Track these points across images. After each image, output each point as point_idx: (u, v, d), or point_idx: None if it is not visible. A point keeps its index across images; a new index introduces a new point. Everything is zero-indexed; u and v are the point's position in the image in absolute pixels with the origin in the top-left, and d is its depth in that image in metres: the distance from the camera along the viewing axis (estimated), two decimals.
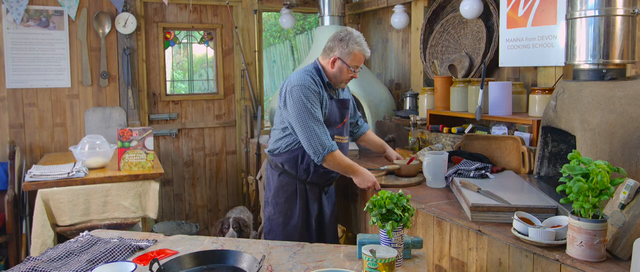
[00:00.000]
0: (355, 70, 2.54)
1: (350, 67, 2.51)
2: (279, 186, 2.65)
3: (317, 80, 2.53)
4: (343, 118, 2.65)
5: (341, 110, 2.64)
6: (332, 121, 2.59)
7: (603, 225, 1.57)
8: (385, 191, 1.68)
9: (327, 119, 2.55)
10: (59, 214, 3.04)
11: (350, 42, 2.48)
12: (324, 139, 2.45)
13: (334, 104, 2.59)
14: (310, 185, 2.65)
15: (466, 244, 2.07)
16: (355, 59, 2.51)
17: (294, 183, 2.64)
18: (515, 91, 3.02)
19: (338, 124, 2.63)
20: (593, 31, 2.12)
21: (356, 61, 2.52)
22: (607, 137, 1.93)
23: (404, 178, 2.69)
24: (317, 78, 2.54)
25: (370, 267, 1.51)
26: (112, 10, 4.21)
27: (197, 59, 5.11)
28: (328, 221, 2.74)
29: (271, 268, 1.67)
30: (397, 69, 4.46)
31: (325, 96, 2.55)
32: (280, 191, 2.65)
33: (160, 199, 3.64)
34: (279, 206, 2.66)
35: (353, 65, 2.51)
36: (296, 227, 2.62)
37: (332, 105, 2.58)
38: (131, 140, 3.26)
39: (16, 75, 4.01)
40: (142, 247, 1.86)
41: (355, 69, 2.53)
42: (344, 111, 2.65)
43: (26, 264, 1.68)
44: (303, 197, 2.64)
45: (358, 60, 2.52)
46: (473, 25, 3.51)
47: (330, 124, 2.58)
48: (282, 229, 2.63)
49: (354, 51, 2.49)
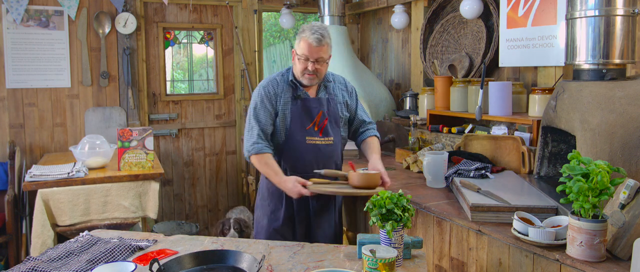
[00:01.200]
0: (306, 60, 2.37)
1: (299, 56, 2.39)
2: (266, 188, 2.57)
3: (282, 79, 2.48)
4: (313, 118, 2.46)
5: (310, 110, 2.46)
6: (298, 122, 2.45)
7: (603, 225, 1.56)
8: (385, 191, 1.68)
9: (290, 120, 2.44)
10: (59, 214, 3.04)
11: (300, 32, 2.40)
12: (252, 140, 2.41)
13: (298, 104, 2.45)
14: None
15: (466, 244, 2.07)
16: (301, 47, 2.37)
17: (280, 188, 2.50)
18: (515, 91, 3.02)
19: (308, 125, 2.46)
20: (593, 31, 2.12)
21: (303, 49, 2.36)
22: (607, 137, 1.93)
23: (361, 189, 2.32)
24: (285, 77, 2.48)
25: (370, 267, 1.51)
26: (112, 10, 4.21)
27: (197, 59, 5.11)
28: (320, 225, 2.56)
29: (271, 268, 1.67)
30: (397, 69, 4.46)
31: (285, 97, 2.45)
32: (267, 193, 2.56)
33: (160, 199, 3.64)
34: (264, 209, 2.58)
35: (300, 54, 2.37)
36: (278, 230, 2.52)
37: (294, 106, 2.45)
38: (131, 140, 3.26)
39: (16, 75, 4.01)
40: (142, 247, 1.86)
41: (303, 58, 2.37)
42: (314, 110, 2.47)
43: (26, 264, 1.68)
44: (289, 200, 2.50)
45: (304, 48, 2.35)
46: (473, 25, 3.51)
47: (296, 125, 2.45)
48: (265, 232, 2.55)
49: (301, 39, 2.37)
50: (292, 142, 2.46)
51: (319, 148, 2.48)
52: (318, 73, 2.41)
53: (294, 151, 2.47)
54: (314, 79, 2.43)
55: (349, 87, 2.66)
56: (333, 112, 2.52)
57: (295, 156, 2.47)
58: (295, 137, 2.45)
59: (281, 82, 2.48)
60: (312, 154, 2.48)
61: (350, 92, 2.65)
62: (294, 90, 2.47)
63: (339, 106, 2.55)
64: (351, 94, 2.64)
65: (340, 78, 2.66)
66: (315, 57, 2.36)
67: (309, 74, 2.39)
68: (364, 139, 2.66)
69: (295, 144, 2.46)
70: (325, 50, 2.38)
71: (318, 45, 2.34)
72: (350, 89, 2.65)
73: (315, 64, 2.37)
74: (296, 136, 2.45)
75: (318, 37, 2.34)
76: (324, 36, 2.36)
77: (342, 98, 2.59)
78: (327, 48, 2.39)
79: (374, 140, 2.66)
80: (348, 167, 2.50)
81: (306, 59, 2.37)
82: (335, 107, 2.54)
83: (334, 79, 2.61)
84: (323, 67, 2.42)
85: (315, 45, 2.34)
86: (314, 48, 2.34)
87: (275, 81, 2.48)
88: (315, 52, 2.35)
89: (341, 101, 2.57)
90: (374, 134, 2.68)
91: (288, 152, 2.48)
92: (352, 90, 2.67)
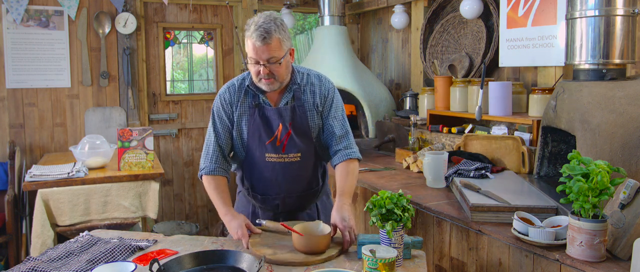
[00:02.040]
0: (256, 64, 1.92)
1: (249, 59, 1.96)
2: (236, 205, 2.27)
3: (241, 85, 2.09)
4: (273, 132, 2.04)
5: (269, 122, 2.04)
6: (256, 136, 2.05)
7: (603, 225, 1.57)
8: (385, 191, 1.68)
9: (247, 134, 2.06)
10: (59, 214, 3.04)
11: (245, 29, 1.95)
12: (203, 159, 2.09)
13: (256, 115, 2.04)
14: (263, 209, 2.18)
15: (466, 244, 2.07)
16: (248, 47, 1.93)
17: (249, 205, 2.23)
18: (515, 91, 3.02)
19: (267, 139, 2.04)
20: (593, 31, 2.12)
21: (249, 52, 1.92)
22: (607, 137, 1.93)
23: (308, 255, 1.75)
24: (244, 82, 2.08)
25: (370, 267, 1.51)
26: (112, 10, 4.21)
27: (197, 59, 5.11)
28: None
29: (271, 268, 1.67)
30: (397, 69, 4.46)
31: (242, 107, 2.07)
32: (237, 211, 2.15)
33: (160, 199, 3.64)
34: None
35: (249, 57, 1.94)
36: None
37: (251, 118, 2.05)
38: (131, 140, 3.26)
39: (16, 75, 4.01)
40: (142, 247, 1.86)
41: (252, 61, 1.93)
42: (273, 123, 2.04)
43: (26, 264, 1.68)
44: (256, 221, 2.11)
45: (250, 49, 1.91)
46: (473, 25, 3.51)
47: (253, 140, 2.06)
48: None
49: (247, 39, 1.93)
50: (250, 159, 2.09)
51: (281, 166, 2.06)
52: (276, 75, 1.94)
53: (253, 170, 2.09)
54: (273, 83, 1.96)
55: (323, 88, 2.11)
56: (300, 123, 2.05)
57: (256, 176, 2.11)
58: (253, 154, 2.07)
59: (239, 88, 2.07)
60: (273, 173, 2.07)
61: (325, 94, 2.11)
62: (252, 98, 2.06)
63: (309, 114, 2.07)
64: (325, 98, 2.11)
65: (315, 77, 2.13)
66: (265, 58, 1.89)
67: (265, 79, 1.94)
68: (337, 163, 2.09)
69: (254, 162, 2.08)
70: (275, 47, 1.89)
71: (263, 44, 1.86)
72: (324, 91, 2.11)
73: (267, 67, 1.91)
74: (254, 153, 2.06)
75: (261, 33, 1.85)
76: (270, 31, 1.86)
77: (313, 104, 2.08)
78: (277, 44, 1.89)
79: (352, 166, 2.07)
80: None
81: (255, 61, 1.92)
82: (304, 116, 2.05)
83: (306, 80, 2.10)
84: (280, 68, 1.94)
85: (260, 44, 1.87)
86: (260, 48, 1.87)
87: (234, 87, 2.08)
88: (263, 52, 1.88)
89: (312, 107, 2.08)
90: (351, 157, 2.08)
91: (248, 171, 2.14)
92: (328, 92, 2.12)
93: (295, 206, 2.17)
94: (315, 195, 2.21)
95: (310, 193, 2.17)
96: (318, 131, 2.12)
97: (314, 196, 2.20)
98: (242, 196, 2.27)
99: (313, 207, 2.23)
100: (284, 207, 2.15)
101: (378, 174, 2.94)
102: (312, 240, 1.74)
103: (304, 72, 2.13)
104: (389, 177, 2.87)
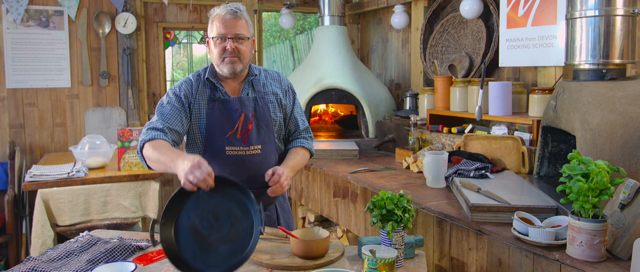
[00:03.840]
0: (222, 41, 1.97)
1: (213, 39, 1.99)
2: None
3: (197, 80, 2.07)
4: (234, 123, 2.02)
5: (229, 113, 2.02)
6: (216, 129, 2.02)
7: (603, 225, 1.57)
8: (385, 192, 1.68)
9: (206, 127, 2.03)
10: (59, 214, 3.04)
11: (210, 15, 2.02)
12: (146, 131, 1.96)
13: (216, 107, 2.02)
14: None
15: (466, 244, 2.07)
16: (214, 27, 1.98)
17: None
18: (515, 91, 3.02)
19: (228, 131, 2.01)
20: (593, 31, 2.12)
21: (216, 28, 1.97)
22: (607, 137, 1.93)
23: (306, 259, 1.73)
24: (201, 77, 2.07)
25: (370, 267, 1.51)
26: (112, 10, 4.21)
27: (197, 59, 5.11)
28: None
29: (271, 268, 1.67)
30: (397, 69, 4.46)
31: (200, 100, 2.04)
32: None
33: (161, 199, 3.63)
34: None
35: (215, 35, 1.97)
36: None
37: (211, 110, 2.02)
38: (131, 140, 3.26)
39: (16, 75, 4.01)
40: (142, 247, 1.86)
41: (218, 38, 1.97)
42: (234, 113, 2.02)
43: (26, 264, 1.68)
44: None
45: (218, 26, 1.96)
46: (473, 25, 3.51)
47: (212, 133, 2.03)
48: None
49: (212, 21, 1.99)
50: (210, 154, 2.02)
51: (242, 160, 2.02)
52: (241, 55, 1.98)
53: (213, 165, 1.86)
54: (237, 63, 1.98)
55: (284, 83, 2.18)
56: (261, 114, 2.06)
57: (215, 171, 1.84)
58: (213, 147, 2.02)
59: (196, 82, 2.06)
60: (235, 168, 2.02)
61: (286, 89, 2.17)
62: (211, 92, 2.04)
63: (271, 106, 2.09)
64: (287, 92, 2.17)
65: (273, 72, 2.19)
66: (233, 33, 1.95)
67: (229, 57, 1.96)
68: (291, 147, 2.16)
69: (214, 156, 2.01)
70: (244, 25, 1.98)
71: (233, 18, 1.95)
72: (285, 86, 2.17)
73: (234, 42, 1.96)
74: (214, 146, 2.02)
75: (232, 9, 1.96)
76: (240, 9, 1.98)
77: (275, 96, 2.12)
78: (245, 23, 1.99)
79: (303, 152, 2.15)
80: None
81: (222, 38, 1.96)
82: (265, 107, 2.07)
83: (264, 74, 2.14)
84: (245, 47, 1.99)
85: (230, 17, 1.95)
86: (229, 21, 1.95)
87: (189, 82, 2.06)
88: (231, 26, 1.95)
89: (273, 100, 2.11)
90: (302, 145, 2.16)
91: None
92: (289, 88, 2.19)
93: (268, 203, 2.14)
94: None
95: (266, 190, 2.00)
96: (278, 125, 2.13)
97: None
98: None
99: (272, 209, 2.19)
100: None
101: (378, 174, 2.95)
102: (310, 244, 1.72)
103: (261, 68, 2.18)
104: (389, 177, 2.87)
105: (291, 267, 1.67)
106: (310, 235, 1.81)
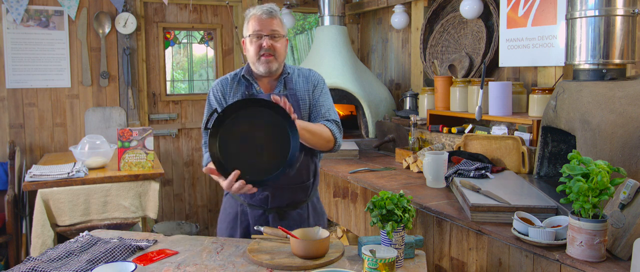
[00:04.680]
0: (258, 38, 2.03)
1: (249, 36, 2.05)
2: (223, 208, 2.26)
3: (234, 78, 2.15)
4: None
5: None
6: None
7: (603, 225, 1.57)
8: (385, 192, 1.68)
9: None
10: (59, 214, 3.04)
11: (246, 15, 2.10)
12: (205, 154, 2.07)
13: None
14: (251, 207, 2.14)
15: (466, 244, 2.07)
16: (250, 26, 2.05)
17: (236, 205, 2.18)
18: (515, 91, 3.02)
19: None
20: (593, 31, 2.12)
21: (252, 26, 2.04)
22: (607, 137, 1.93)
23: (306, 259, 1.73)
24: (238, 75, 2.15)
25: (370, 267, 1.51)
26: (112, 10, 4.21)
27: (197, 59, 5.11)
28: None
29: (271, 268, 1.67)
30: (397, 69, 4.46)
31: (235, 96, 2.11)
32: (223, 214, 2.25)
33: (160, 199, 3.64)
34: (221, 233, 2.24)
35: (251, 33, 2.04)
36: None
37: None
38: (131, 140, 3.26)
39: (16, 75, 4.01)
40: (142, 247, 1.86)
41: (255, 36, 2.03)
42: None
43: (26, 264, 1.68)
44: (244, 223, 2.15)
45: (254, 24, 2.04)
46: (473, 25, 3.51)
47: None
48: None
49: (248, 20, 2.07)
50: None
51: None
52: (276, 52, 2.04)
53: None
54: (273, 62, 2.04)
55: (313, 79, 2.19)
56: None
57: None
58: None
59: (232, 80, 2.15)
60: None
61: (315, 83, 2.18)
62: (246, 88, 2.12)
63: (301, 102, 2.13)
64: (316, 86, 2.18)
65: (305, 70, 2.23)
66: (269, 30, 2.02)
67: (265, 55, 2.02)
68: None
69: None
70: (279, 23, 2.05)
71: (269, 17, 2.03)
72: (314, 81, 2.19)
73: (270, 39, 2.02)
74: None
75: (267, 9, 2.04)
76: (275, 9, 2.06)
77: (305, 92, 2.15)
78: (279, 22, 2.06)
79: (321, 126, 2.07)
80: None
81: (258, 35, 2.02)
82: (296, 103, 2.11)
83: (297, 72, 2.19)
84: (280, 45, 2.05)
85: (266, 17, 2.02)
86: (265, 20, 2.02)
87: (226, 80, 2.15)
88: (268, 24, 2.02)
89: (304, 96, 2.15)
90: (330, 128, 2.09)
91: None
92: (318, 82, 2.19)
93: (285, 201, 2.12)
94: (306, 191, 2.16)
95: (300, 187, 2.13)
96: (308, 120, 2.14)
97: (304, 191, 2.15)
98: (229, 197, 2.22)
99: (304, 208, 2.18)
100: (273, 201, 2.10)
101: (378, 174, 2.95)
102: (310, 244, 1.72)
103: (295, 67, 2.22)
104: (389, 177, 2.87)
105: (291, 267, 1.67)
106: (310, 235, 1.81)
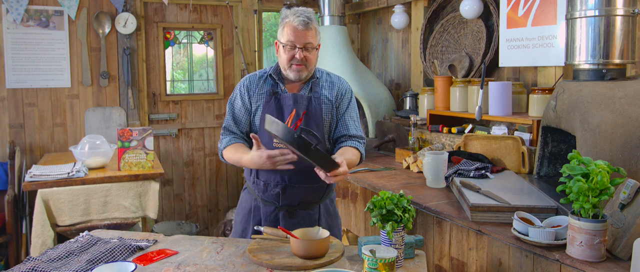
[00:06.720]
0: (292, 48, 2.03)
1: (283, 44, 2.05)
2: (240, 202, 2.29)
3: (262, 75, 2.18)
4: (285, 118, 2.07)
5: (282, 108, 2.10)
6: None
7: (603, 225, 1.57)
8: (385, 192, 1.68)
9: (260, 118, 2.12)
10: (59, 214, 3.04)
11: (283, 18, 2.09)
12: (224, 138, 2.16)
13: (272, 101, 2.10)
14: (264, 203, 2.16)
15: (466, 244, 2.07)
16: (285, 33, 2.05)
17: (251, 200, 2.21)
18: (515, 91, 3.02)
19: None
20: (593, 31, 2.12)
21: (288, 35, 2.03)
22: (607, 137, 1.93)
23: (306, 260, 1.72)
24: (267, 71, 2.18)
25: (370, 267, 1.51)
26: (112, 10, 4.21)
27: (197, 59, 5.11)
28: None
29: (271, 268, 1.67)
30: (397, 69, 4.46)
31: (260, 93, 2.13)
32: (240, 208, 2.27)
33: (160, 199, 3.64)
34: (236, 226, 2.27)
35: (285, 42, 2.04)
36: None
37: (267, 104, 2.11)
38: (131, 140, 3.26)
39: (16, 75, 4.01)
40: (142, 247, 1.86)
41: (289, 46, 2.03)
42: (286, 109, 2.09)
43: (26, 264, 1.68)
44: (257, 218, 2.17)
45: (289, 34, 2.03)
46: (473, 25, 3.51)
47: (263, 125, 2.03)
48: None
49: (284, 25, 2.06)
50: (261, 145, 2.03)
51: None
52: (307, 63, 2.05)
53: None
54: (303, 71, 2.07)
55: (342, 86, 2.20)
56: (314, 112, 2.10)
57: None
58: (262, 139, 2.05)
59: (260, 78, 2.17)
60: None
61: (343, 93, 2.18)
62: (271, 87, 2.14)
63: (325, 106, 2.13)
64: (343, 95, 2.18)
65: (334, 76, 2.23)
66: (303, 43, 2.02)
67: (296, 65, 2.05)
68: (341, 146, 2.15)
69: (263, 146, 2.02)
70: (313, 35, 2.05)
71: (305, 29, 2.01)
72: (342, 90, 2.19)
73: (303, 52, 2.03)
74: (263, 138, 2.06)
75: (304, 20, 2.01)
76: (311, 19, 2.04)
77: (331, 97, 2.15)
78: (314, 33, 2.05)
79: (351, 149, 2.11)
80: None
81: (292, 46, 2.03)
82: (319, 106, 2.11)
83: (325, 77, 2.20)
84: (312, 56, 2.07)
85: (302, 28, 2.01)
86: (301, 32, 2.01)
87: (255, 76, 2.18)
88: (302, 37, 2.02)
89: (328, 101, 2.14)
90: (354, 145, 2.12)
91: None
92: (345, 92, 2.19)
93: (296, 200, 2.12)
94: (319, 193, 2.16)
95: (313, 188, 2.12)
96: (329, 126, 2.17)
97: (317, 193, 2.15)
98: (247, 192, 2.25)
99: (316, 209, 2.17)
100: (284, 199, 2.11)
101: (378, 174, 2.95)
102: (310, 244, 1.71)
103: (324, 71, 2.23)
104: (389, 177, 2.87)
105: (291, 267, 1.67)
106: (310, 235, 1.81)
